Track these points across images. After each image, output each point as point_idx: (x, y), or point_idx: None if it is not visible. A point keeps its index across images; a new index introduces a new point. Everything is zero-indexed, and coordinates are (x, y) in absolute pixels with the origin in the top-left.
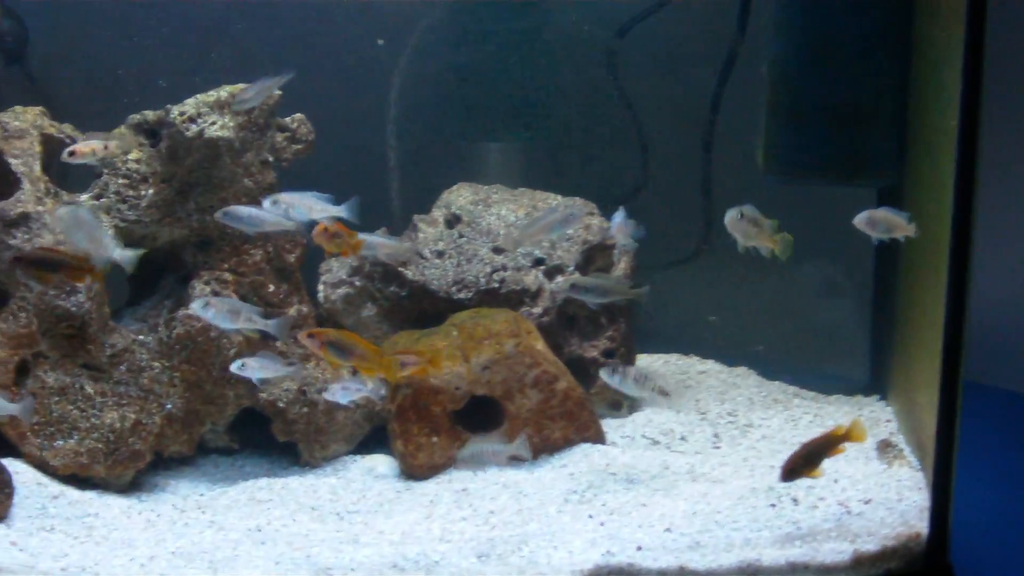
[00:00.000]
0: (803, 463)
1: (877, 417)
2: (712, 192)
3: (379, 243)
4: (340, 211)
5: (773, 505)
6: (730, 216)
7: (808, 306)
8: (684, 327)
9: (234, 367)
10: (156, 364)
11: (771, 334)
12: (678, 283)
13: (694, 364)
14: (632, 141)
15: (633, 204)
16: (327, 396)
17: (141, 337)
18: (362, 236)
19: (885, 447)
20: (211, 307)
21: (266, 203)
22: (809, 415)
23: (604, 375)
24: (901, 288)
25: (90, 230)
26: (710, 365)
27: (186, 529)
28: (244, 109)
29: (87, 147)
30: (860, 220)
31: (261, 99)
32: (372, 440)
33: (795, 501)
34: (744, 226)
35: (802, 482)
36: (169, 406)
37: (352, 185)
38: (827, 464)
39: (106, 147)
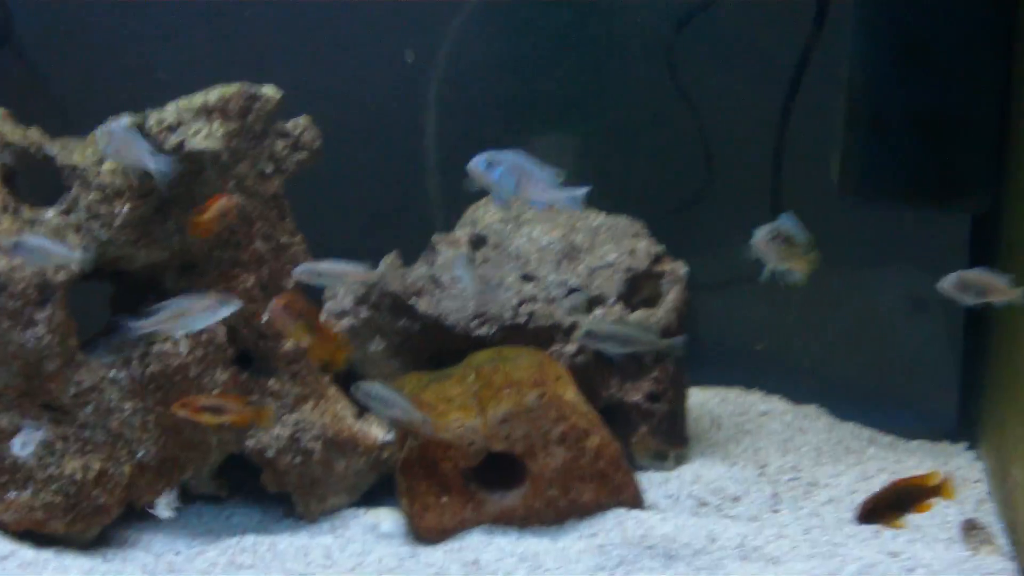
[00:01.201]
0: (887, 507)
1: (965, 476)
2: (781, 204)
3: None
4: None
5: None
6: (761, 236)
7: (890, 332)
8: (748, 355)
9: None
10: (127, 405)
11: (847, 364)
12: (742, 304)
13: (755, 403)
14: (694, 146)
15: (691, 216)
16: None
17: (112, 373)
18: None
19: (970, 529)
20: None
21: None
22: (886, 472)
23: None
24: (999, 316)
25: (129, 143)
26: (774, 403)
27: None
28: None
29: None
30: (949, 284)
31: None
32: (381, 489)
33: None
34: (776, 247)
35: (872, 571)
36: (141, 453)
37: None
38: (900, 546)
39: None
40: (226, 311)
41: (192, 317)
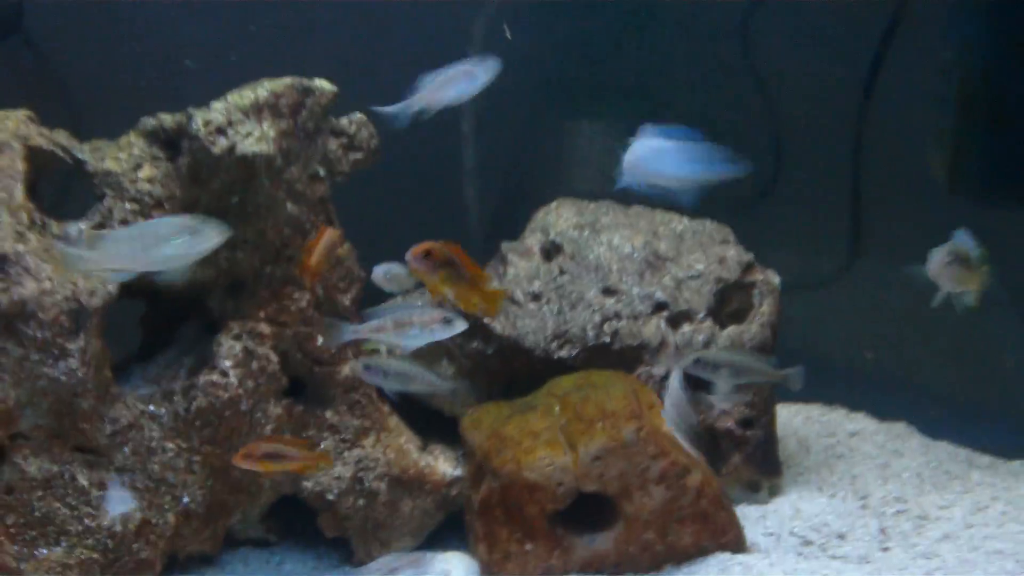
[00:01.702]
0: None
1: None
2: (861, 200)
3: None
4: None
5: None
6: (937, 259)
7: (982, 340)
8: (828, 368)
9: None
10: (171, 445)
11: (935, 376)
12: (822, 312)
13: (842, 422)
14: (764, 132)
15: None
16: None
17: (152, 408)
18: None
19: None
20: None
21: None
22: (1000, 501)
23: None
24: None
25: None
26: (862, 422)
27: None
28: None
29: None
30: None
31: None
32: (446, 529)
33: None
34: (954, 270)
35: None
36: (187, 499)
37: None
38: None
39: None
40: (456, 328)
41: (415, 331)
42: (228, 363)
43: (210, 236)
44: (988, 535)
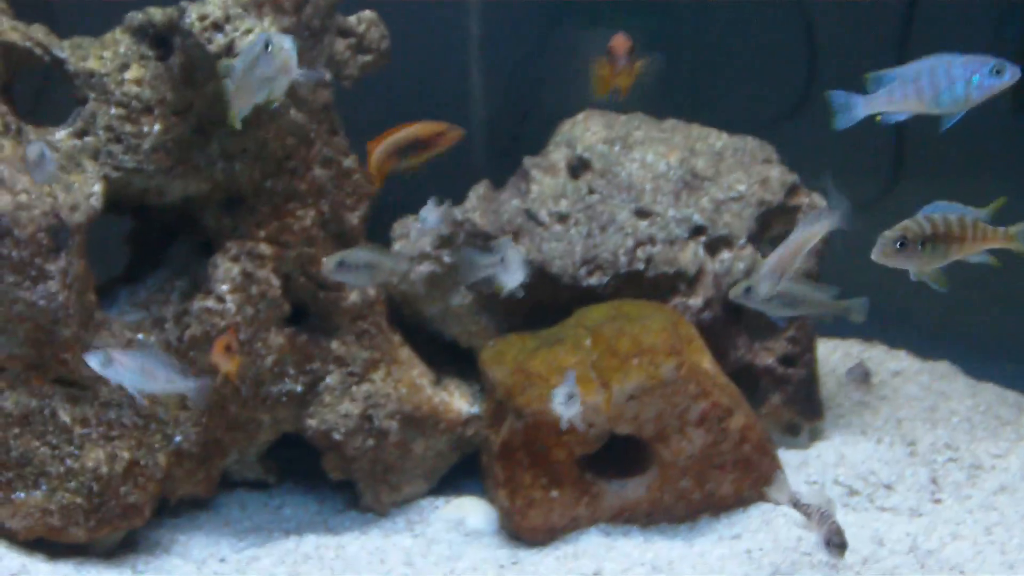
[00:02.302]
0: None
1: None
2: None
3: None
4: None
5: None
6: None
7: None
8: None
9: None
10: None
11: (979, 314)
12: (858, 240)
13: (883, 360)
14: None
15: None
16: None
17: (141, 337)
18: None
19: None
20: (115, 364)
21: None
22: None
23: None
24: None
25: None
26: (904, 361)
27: None
28: None
29: None
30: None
31: None
32: (459, 471)
33: None
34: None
35: None
36: (179, 439)
37: None
38: None
39: None
40: None
41: None
42: (225, 287)
43: None
44: None
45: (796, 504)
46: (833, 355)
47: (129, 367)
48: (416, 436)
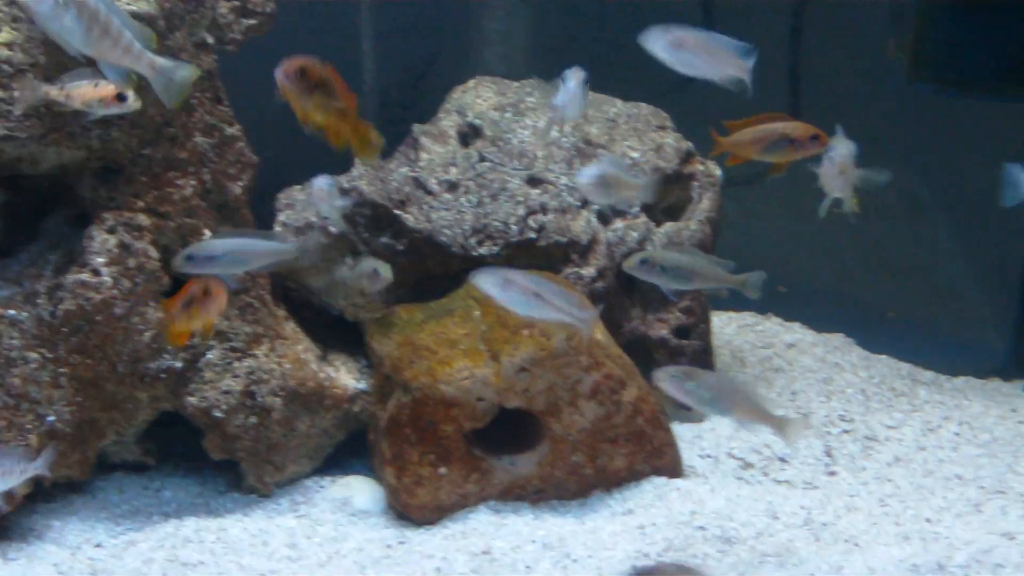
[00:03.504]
0: None
1: None
2: (801, 85)
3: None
4: None
5: None
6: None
7: (928, 253)
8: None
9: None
10: (33, 355)
11: (873, 288)
12: (752, 211)
13: (778, 332)
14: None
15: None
16: None
17: (11, 312)
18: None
19: None
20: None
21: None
22: (952, 422)
23: (666, 383)
24: None
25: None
26: (799, 333)
27: None
28: None
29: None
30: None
31: None
32: (345, 450)
33: None
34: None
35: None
36: (52, 418)
37: None
38: (1014, 524)
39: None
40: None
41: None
42: (101, 260)
43: None
44: (943, 459)
45: None
46: (728, 327)
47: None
48: (301, 413)
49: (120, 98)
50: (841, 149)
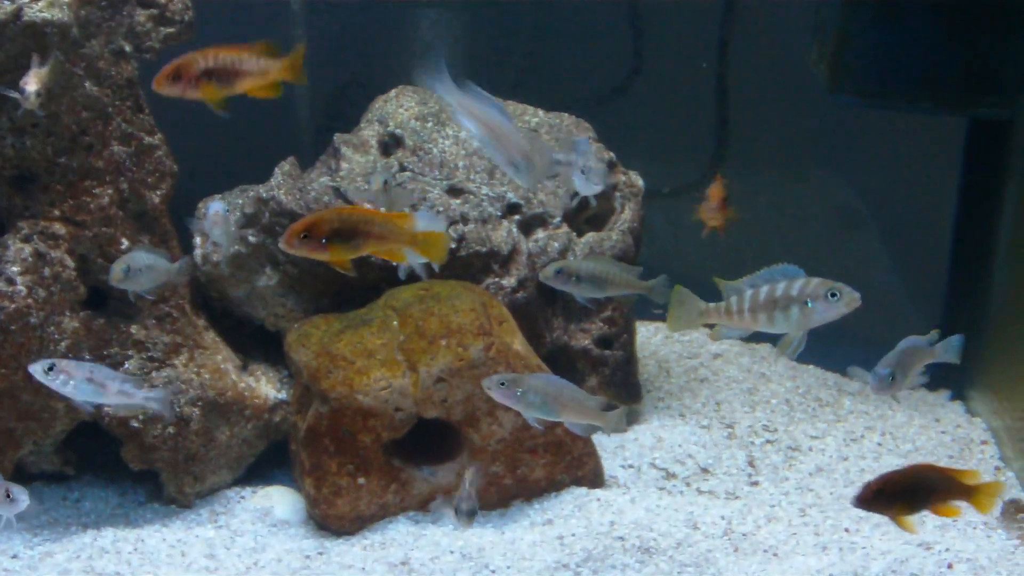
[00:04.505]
0: (898, 497)
1: (967, 436)
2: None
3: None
4: None
5: None
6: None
7: (858, 263)
8: (687, 283)
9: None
10: None
11: None
12: (680, 223)
13: (704, 342)
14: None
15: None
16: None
17: None
18: None
19: (1015, 513)
20: (61, 374)
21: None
22: (875, 432)
23: (495, 392)
24: (1005, 251)
25: None
26: (725, 343)
27: None
28: None
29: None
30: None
31: None
32: (267, 460)
33: None
34: None
35: (904, 568)
36: None
37: None
38: (930, 535)
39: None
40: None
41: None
42: (15, 269)
43: None
44: (865, 468)
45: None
46: (655, 337)
47: (77, 378)
48: (220, 423)
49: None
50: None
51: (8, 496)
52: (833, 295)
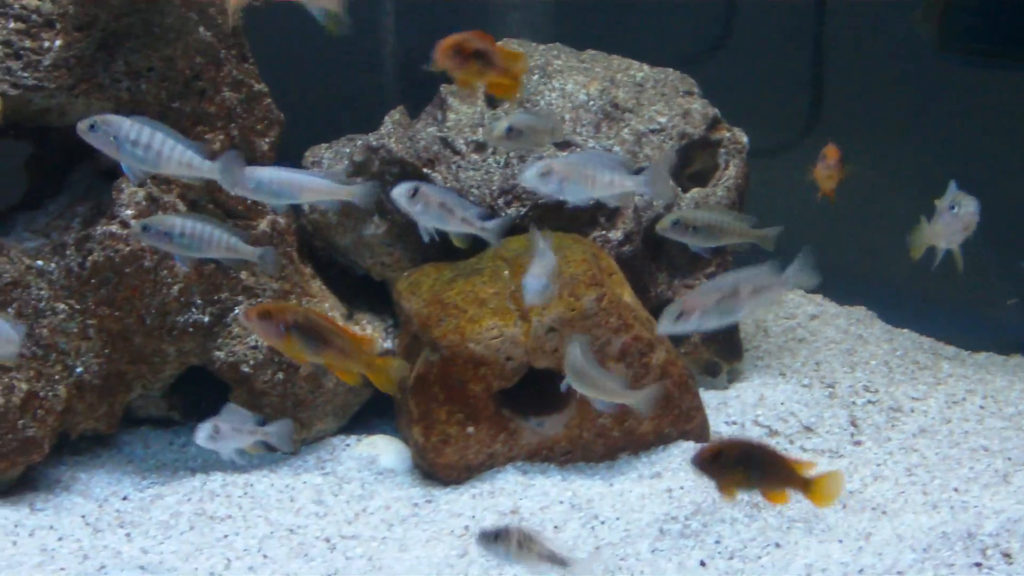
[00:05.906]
0: (729, 467)
1: None
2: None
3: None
4: None
5: (978, 564)
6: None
7: None
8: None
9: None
10: (62, 306)
11: (894, 263)
12: (776, 182)
13: (801, 304)
14: None
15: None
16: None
17: (40, 263)
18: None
19: None
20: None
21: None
22: (976, 395)
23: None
24: None
25: None
26: (821, 305)
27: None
28: None
29: None
30: None
31: None
32: (370, 410)
33: (1008, 557)
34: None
35: (1017, 528)
36: (80, 370)
37: None
38: None
39: None
40: None
41: None
42: (129, 212)
43: None
44: (969, 430)
45: None
46: None
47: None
48: (327, 371)
49: None
50: (968, 207)
51: None
52: None
